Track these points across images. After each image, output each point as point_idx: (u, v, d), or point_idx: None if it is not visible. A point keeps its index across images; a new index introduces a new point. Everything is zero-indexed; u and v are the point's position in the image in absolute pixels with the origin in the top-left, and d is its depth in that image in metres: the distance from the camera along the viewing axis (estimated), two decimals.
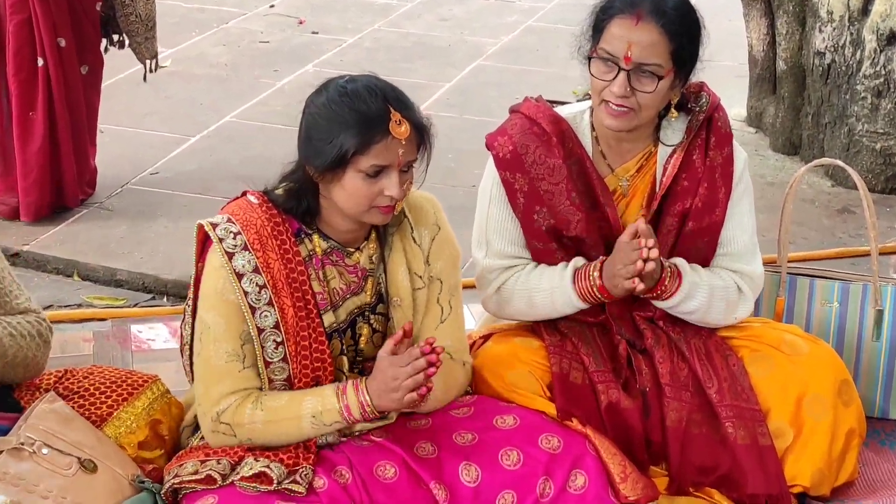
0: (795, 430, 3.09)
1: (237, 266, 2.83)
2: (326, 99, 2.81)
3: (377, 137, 2.72)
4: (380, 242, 2.99)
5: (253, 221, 2.87)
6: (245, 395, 2.86)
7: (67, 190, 4.94)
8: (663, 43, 3.01)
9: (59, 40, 4.72)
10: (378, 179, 2.75)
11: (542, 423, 3.02)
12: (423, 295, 3.00)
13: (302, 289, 2.86)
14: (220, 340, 2.84)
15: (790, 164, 5.63)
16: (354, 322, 2.98)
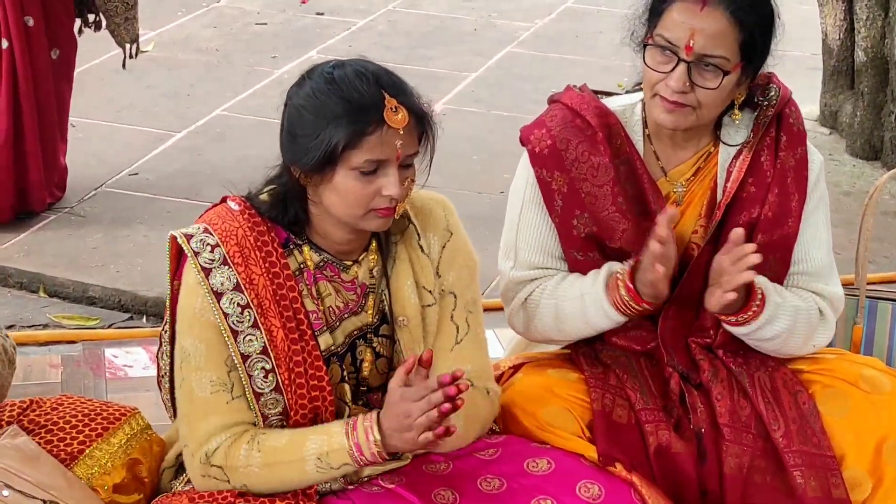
0: (875, 479, 3.00)
1: (215, 284, 2.76)
2: (310, 88, 2.74)
3: (370, 128, 2.65)
4: (381, 253, 2.93)
5: (233, 231, 2.80)
6: (239, 431, 2.78)
7: (33, 192, 4.97)
8: (732, 33, 2.94)
9: (27, 19, 4.72)
10: (374, 177, 2.69)
11: (580, 468, 2.91)
12: (434, 312, 2.92)
13: (293, 307, 2.81)
14: (202, 369, 2.77)
15: (870, 170, 5.54)
16: (355, 346, 2.91)
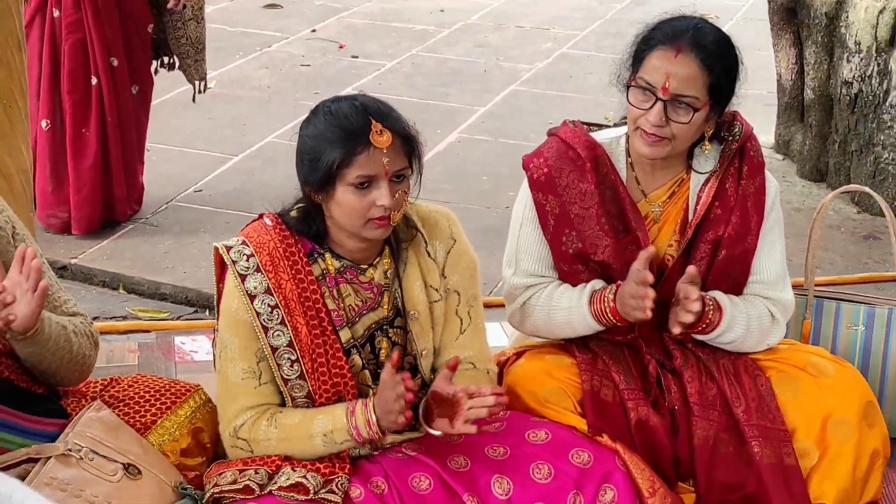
0: (821, 450, 3.06)
1: (249, 287, 2.85)
2: (314, 121, 2.84)
3: (359, 148, 2.72)
4: (394, 258, 2.98)
5: (266, 243, 2.88)
6: (261, 411, 2.87)
7: (117, 206, 4.98)
8: (701, 76, 3.00)
9: (112, 60, 4.77)
10: (368, 191, 2.75)
11: (572, 438, 3.00)
12: (441, 307, 2.99)
13: (315, 307, 2.87)
14: (235, 359, 2.87)
15: (817, 190, 5.61)
16: (373, 337, 2.97)
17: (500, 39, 7.94)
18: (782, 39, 5.90)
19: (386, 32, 7.97)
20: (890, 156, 5.34)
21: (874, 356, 3.47)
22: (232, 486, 2.83)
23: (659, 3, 6.74)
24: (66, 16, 4.71)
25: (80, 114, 4.79)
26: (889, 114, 5.34)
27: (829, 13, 5.57)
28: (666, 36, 3.04)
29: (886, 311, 3.48)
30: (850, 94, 5.50)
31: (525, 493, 2.90)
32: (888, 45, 5.34)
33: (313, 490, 2.78)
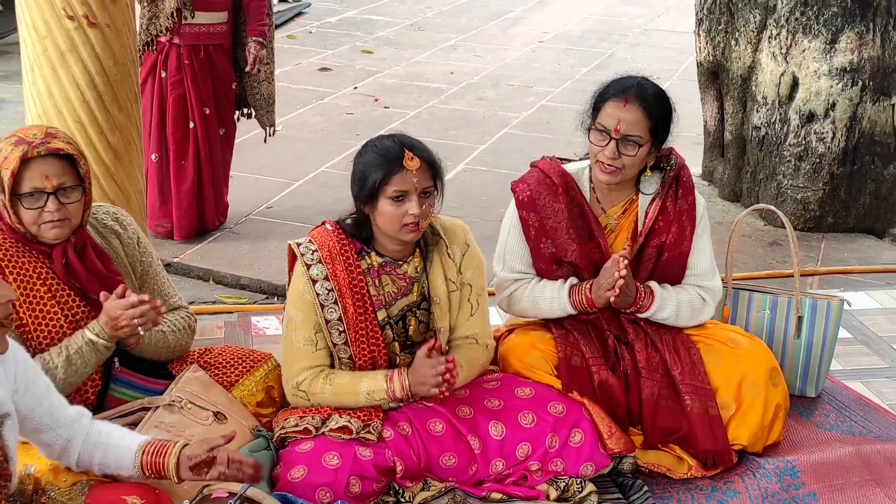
0: (737, 404, 3.09)
1: (312, 274, 2.89)
2: (363, 153, 2.89)
3: (395, 169, 2.77)
4: (423, 257, 2.99)
5: (327, 242, 2.92)
6: (318, 371, 2.90)
7: (208, 218, 4.99)
8: (644, 121, 3.02)
9: (205, 109, 4.79)
10: (402, 203, 2.78)
11: (550, 394, 3.05)
12: (457, 296, 3.01)
13: (361, 293, 2.89)
14: (298, 329, 2.90)
15: (734, 208, 5.59)
16: (405, 316, 2.98)
17: (496, 95, 7.97)
18: (707, 95, 5.90)
19: (410, 89, 8.00)
20: (789, 182, 5.35)
21: (777, 333, 3.45)
22: (294, 428, 2.88)
23: (614, 67, 6.78)
24: (171, 76, 4.72)
25: (180, 149, 4.80)
26: (788, 151, 5.34)
27: (743, 75, 5.56)
28: (617, 90, 3.06)
29: (786, 300, 3.46)
30: (758, 136, 5.51)
31: (514, 434, 2.94)
32: (787, 100, 5.34)
33: (355, 431, 2.82)
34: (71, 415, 2.40)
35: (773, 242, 5.18)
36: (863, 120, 5.25)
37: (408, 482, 2.84)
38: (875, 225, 5.37)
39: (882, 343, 4.06)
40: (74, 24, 3.46)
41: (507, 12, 11.20)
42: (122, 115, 3.62)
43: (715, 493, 2.98)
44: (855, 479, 3.05)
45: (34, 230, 2.68)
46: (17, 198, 2.62)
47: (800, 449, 3.16)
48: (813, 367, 3.48)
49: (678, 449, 3.07)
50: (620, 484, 3.02)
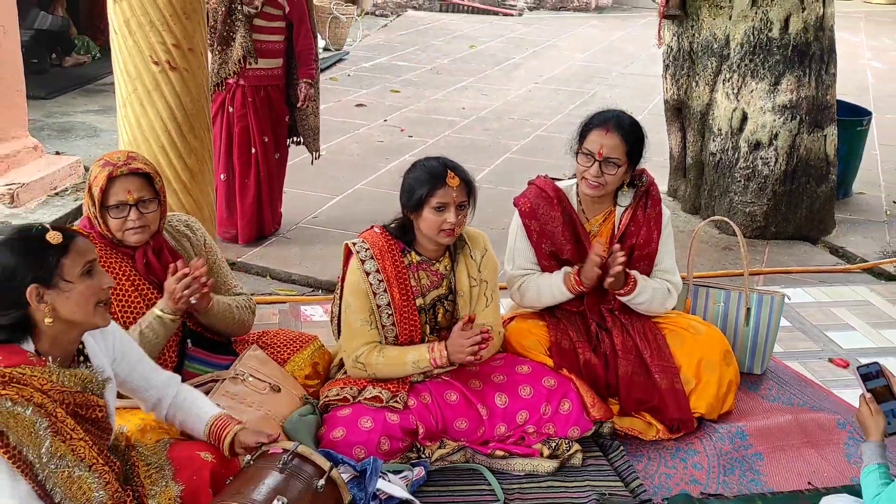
0: (696, 380, 3.09)
1: (366, 268, 2.90)
2: (413, 170, 2.90)
3: (439, 185, 2.79)
4: (451, 258, 3.01)
5: (377, 242, 2.93)
6: (372, 346, 2.90)
7: (265, 226, 4.97)
8: (622, 146, 3.04)
9: (264, 138, 4.78)
10: (443, 213, 2.80)
11: (544, 370, 3.06)
12: (477, 290, 3.02)
13: (404, 283, 2.90)
14: (356, 313, 2.90)
15: (694, 220, 5.56)
16: (435, 305, 2.99)
17: (499, 126, 7.95)
18: (672, 127, 5.87)
19: (429, 121, 8.00)
20: (739, 199, 5.32)
21: (729, 322, 3.45)
22: (335, 397, 2.91)
23: (596, 104, 6.76)
24: (237, 111, 4.72)
25: (244, 170, 4.80)
26: (739, 173, 5.32)
27: (702, 111, 5.54)
28: (600, 121, 3.07)
29: (737, 294, 3.46)
30: (714, 161, 5.47)
31: (515, 403, 2.97)
32: (738, 131, 5.32)
33: (385, 400, 2.84)
34: (162, 379, 2.43)
35: (725, 248, 5.15)
36: (800, 148, 5.23)
37: (427, 442, 2.86)
38: (810, 233, 5.34)
39: (815, 331, 4.05)
40: (159, 69, 3.49)
41: (509, 59, 11.20)
42: (197, 142, 3.65)
43: (678, 453, 2.98)
44: (793, 441, 3.05)
45: (119, 236, 2.70)
46: (106, 209, 2.67)
47: (748, 416, 3.16)
48: (759, 349, 3.48)
49: (648, 416, 3.08)
50: (601, 444, 3.03)
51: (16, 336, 2.02)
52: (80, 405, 2.03)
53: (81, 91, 8.41)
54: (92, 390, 2.08)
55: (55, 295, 2.00)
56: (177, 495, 2.16)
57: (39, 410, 1.92)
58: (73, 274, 2.03)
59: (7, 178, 5.36)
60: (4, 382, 1.91)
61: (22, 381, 1.93)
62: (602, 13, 15.97)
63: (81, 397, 2.04)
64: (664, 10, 5.55)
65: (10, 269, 1.98)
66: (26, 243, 2.01)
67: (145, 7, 3.41)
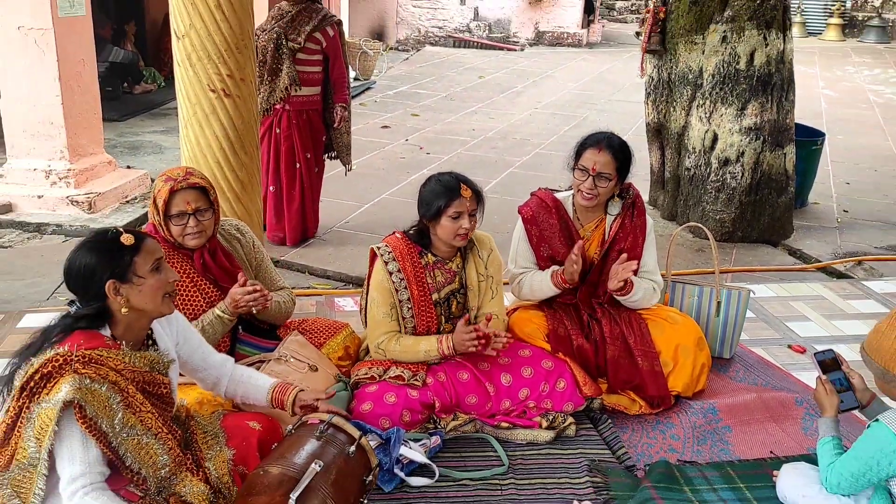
0: (673, 363, 3.07)
1: (389, 269, 2.88)
2: (429, 184, 2.88)
3: (455, 197, 2.77)
4: (462, 258, 2.99)
5: (398, 245, 2.91)
6: (392, 335, 2.88)
7: (308, 230, 4.97)
8: (613, 163, 3.01)
9: (306, 154, 4.77)
10: (457, 220, 2.79)
11: (543, 354, 3.04)
12: (485, 285, 3.00)
13: (422, 281, 2.88)
14: (379, 306, 2.88)
15: (671, 226, 5.52)
16: (449, 298, 2.97)
17: (504, 144, 7.93)
18: (653, 146, 5.83)
19: (444, 141, 7.99)
20: (710, 207, 5.28)
21: (702, 313, 3.42)
22: (364, 375, 2.89)
23: (587, 126, 6.74)
24: (283, 132, 4.70)
25: (289, 183, 4.78)
26: (710, 185, 5.28)
27: (679, 132, 5.50)
28: (593, 141, 3.04)
29: (709, 290, 3.42)
30: (689, 175, 5.43)
31: (517, 382, 2.95)
32: (709, 150, 5.28)
33: (406, 379, 2.83)
34: (218, 360, 2.44)
35: (698, 250, 5.11)
36: (763, 164, 5.18)
37: (443, 414, 2.85)
38: (771, 238, 5.30)
39: (777, 321, 4.01)
40: (215, 95, 3.50)
41: (512, 88, 11.18)
42: (247, 158, 3.65)
43: (658, 425, 2.97)
44: (757, 416, 3.02)
45: (180, 240, 2.72)
46: (168, 218, 2.68)
47: (719, 395, 3.14)
48: (728, 337, 3.44)
49: (632, 394, 3.06)
50: (591, 417, 3.02)
51: (96, 323, 2.04)
52: (148, 382, 2.05)
53: (148, 115, 8.45)
54: (158, 370, 2.09)
55: (129, 288, 2.03)
56: (229, 458, 2.17)
57: (113, 387, 1.93)
58: (144, 270, 2.04)
59: (86, 188, 5.40)
60: (85, 362, 1.92)
61: (99, 362, 1.95)
62: (592, 48, 15.92)
63: (149, 376, 2.05)
64: (646, 45, 5.53)
65: (92, 267, 2.00)
66: (104, 245, 2.03)
67: (204, 43, 3.41)
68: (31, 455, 1.89)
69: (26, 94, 5.18)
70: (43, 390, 1.89)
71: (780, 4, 5.13)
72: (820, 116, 9.31)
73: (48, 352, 1.93)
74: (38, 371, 1.91)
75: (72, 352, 1.92)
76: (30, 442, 1.88)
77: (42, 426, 1.87)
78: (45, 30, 5.04)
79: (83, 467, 1.88)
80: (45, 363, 1.91)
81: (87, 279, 2.00)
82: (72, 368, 1.89)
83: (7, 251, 4.78)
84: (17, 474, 1.91)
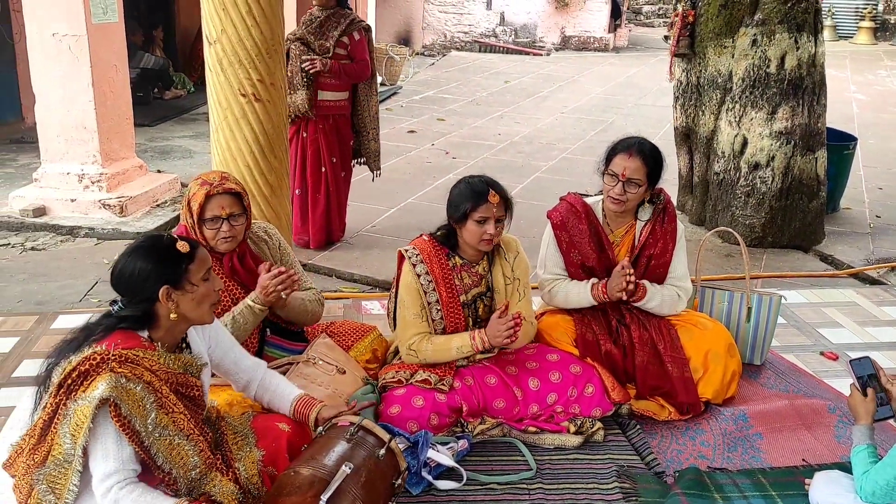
0: (704, 369, 3.04)
1: (417, 271, 2.88)
2: (458, 187, 2.87)
3: (482, 202, 2.76)
4: (489, 261, 2.98)
5: (425, 249, 2.91)
6: (423, 336, 2.88)
7: (333, 234, 5.00)
8: (643, 168, 3.00)
9: (332, 158, 4.80)
10: (484, 225, 2.78)
11: (571, 359, 3.02)
12: (511, 288, 2.99)
13: (450, 283, 2.89)
14: (409, 308, 2.88)
15: (699, 231, 5.48)
16: (476, 301, 2.97)
17: (531, 149, 7.92)
18: (681, 150, 5.79)
19: (470, 145, 8.00)
20: (740, 212, 5.24)
21: (733, 319, 3.39)
22: (392, 379, 2.89)
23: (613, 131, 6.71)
24: (309, 136, 4.74)
25: (316, 186, 4.81)
26: (740, 190, 5.23)
27: (708, 136, 5.46)
28: (623, 146, 3.02)
29: (739, 295, 3.39)
30: (718, 180, 5.39)
31: (545, 387, 2.93)
32: (739, 154, 5.23)
33: (433, 382, 2.82)
34: (250, 364, 2.46)
35: (727, 255, 5.06)
36: (794, 168, 5.13)
37: (470, 418, 2.85)
38: (802, 243, 5.24)
39: (808, 327, 3.96)
40: (246, 100, 3.53)
41: (538, 92, 11.16)
42: (276, 162, 3.68)
43: (688, 432, 2.94)
44: (789, 423, 2.98)
45: (212, 244, 2.74)
46: (202, 222, 2.71)
47: (749, 401, 3.11)
48: (759, 343, 3.41)
49: (661, 400, 3.03)
50: (620, 423, 3.00)
51: (137, 325, 2.07)
52: (182, 384, 2.07)
53: (178, 120, 8.56)
54: (191, 372, 2.12)
55: (181, 295, 2.06)
56: (259, 459, 2.18)
57: (148, 387, 1.96)
58: (196, 278, 2.09)
59: (118, 192, 5.47)
60: (121, 361, 1.95)
61: (135, 362, 1.98)
62: (619, 53, 15.85)
63: (182, 378, 2.08)
64: (675, 49, 5.49)
65: (147, 271, 2.04)
66: (161, 251, 2.07)
67: (235, 48, 3.45)
68: (67, 451, 1.92)
69: (60, 100, 5.28)
70: (80, 388, 1.92)
71: (811, 7, 5.08)
72: (851, 120, 9.18)
73: (86, 350, 1.97)
74: (76, 369, 1.94)
75: (109, 350, 1.95)
76: (65, 438, 1.91)
77: (78, 423, 1.89)
78: (78, 36, 5.14)
79: (117, 464, 1.90)
80: (83, 361, 1.94)
81: (140, 283, 2.03)
82: (108, 367, 1.92)
83: (41, 253, 4.86)
84: (52, 470, 1.94)
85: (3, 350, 3.48)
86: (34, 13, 5.15)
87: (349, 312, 3.95)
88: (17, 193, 5.45)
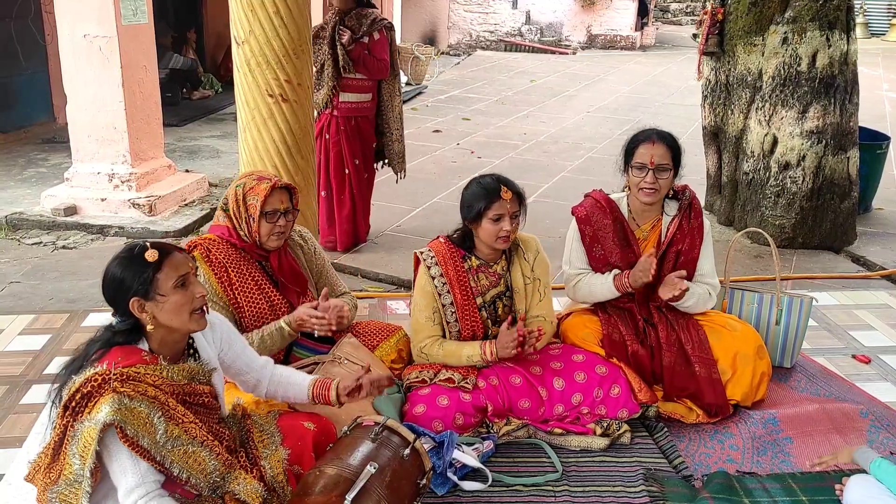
0: (732, 371, 3.00)
1: (432, 273, 2.89)
2: (470, 187, 2.87)
3: (495, 199, 2.76)
4: (507, 260, 2.97)
5: (441, 251, 2.91)
6: (434, 339, 2.89)
7: (359, 235, 5.00)
8: (668, 152, 3.00)
9: (356, 160, 4.80)
10: (499, 223, 2.77)
11: (597, 359, 3.00)
12: (531, 287, 2.98)
13: (465, 285, 2.88)
14: (422, 310, 2.89)
15: (728, 231, 5.43)
16: (495, 301, 2.96)
17: (556, 149, 7.88)
18: (710, 149, 5.73)
19: (495, 145, 7.98)
20: (769, 213, 5.17)
21: (762, 321, 3.34)
22: (416, 378, 2.89)
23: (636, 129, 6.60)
24: (332, 137, 4.75)
25: (340, 188, 4.82)
26: (769, 190, 5.16)
27: (737, 135, 5.39)
28: (644, 136, 3.03)
29: (769, 297, 3.35)
30: (747, 179, 5.32)
31: (571, 387, 2.91)
32: (769, 154, 5.16)
33: (457, 382, 2.83)
34: (260, 363, 2.44)
35: (756, 256, 5.00)
36: (825, 168, 5.05)
37: (495, 419, 2.83)
38: (833, 244, 5.16)
39: (840, 330, 3.90)
40: (273, 100, 3.54)
41: (564, 91, 11.11)
42: (304, 162, 3.69)
43: (717, 435, 2.91)
44: (820, 427, 2.94)
45: (265, 240, 2.73)
46: (263, 215, 2.70)
47: (779, 405, 3.06)
48: (789, 345, 3.36)
49: (689, 402, 3.00)
50: (647, 425, 2.97)
51: (133, 338, 2.03)
52: (189, 394, 2.04)
53: (206, 120, 8.64)
54: (199, 381, 2.07)
55: (153, 306, 2.00)
56: (284, 458, 2.18)
57: (153, 403, 1.92)
58: (166, 287, 2.00)
59: (147, 192, 5.54)
60: (123, 380, 1.91)
61: (137, 379, 1.93)
62: (646, 51, 15.73)
63: (189, 387, 2.03)
64: (704, 47, 5.44)
65: (119, 281, 1.99)
66: (130, 260, 2.01)
67: (263, 49, 3.47)
68: (77, 472, 1.91)
69: (91, 100, 5.35)
70: (84, 409, 1.90)
71: (843, 5, 5.00)
72: (884, 119, 9.02)
73: (87, 370, 1.93)
74: (79, 391, 1.91)
75: (110, 370, 1.92)
76: (74, 459, 1.90)
77: (85, 445, 1.88)
78: (109, 37, 5.20)
79: (136, 479, 1.89)
80: (85, 383, 1.90)
81: (115, 294, 2.00)
82: (110, 387, 1.88)
83: (72, 252, 4.94)
84: (64, 489, 1.93)
85: (35, 347, 3.54)
86: (66, 15, 5.23)
87: (375, 312, 3.96)
88: (49, 193, 5.54)
